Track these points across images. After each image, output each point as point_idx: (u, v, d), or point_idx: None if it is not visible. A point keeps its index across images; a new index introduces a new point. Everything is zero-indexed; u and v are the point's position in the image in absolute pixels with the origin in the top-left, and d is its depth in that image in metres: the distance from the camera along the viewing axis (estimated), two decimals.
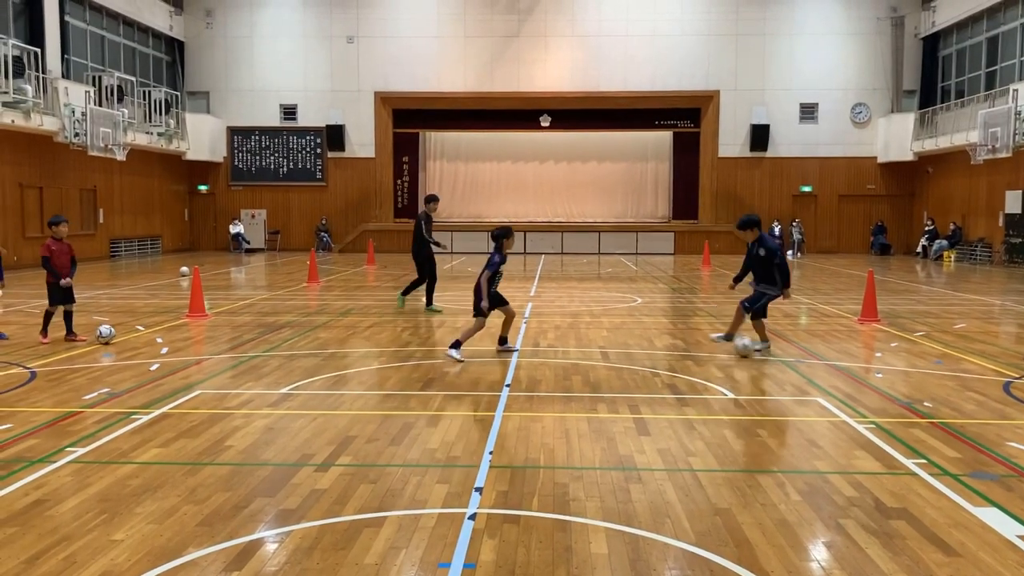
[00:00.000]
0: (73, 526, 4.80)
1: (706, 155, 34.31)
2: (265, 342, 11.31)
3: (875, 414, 7.44)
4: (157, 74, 32.84)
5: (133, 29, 31.06)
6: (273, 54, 34.30)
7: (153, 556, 4.40)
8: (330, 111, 34.19)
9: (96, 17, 28.68)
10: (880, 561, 4.38)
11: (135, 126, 28.35)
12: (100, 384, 8.57)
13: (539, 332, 12.29)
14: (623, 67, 33.51)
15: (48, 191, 25.67)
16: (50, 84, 24.15)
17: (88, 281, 20.35)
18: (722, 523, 4.89)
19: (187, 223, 35.30)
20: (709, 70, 33.70)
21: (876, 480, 5.65)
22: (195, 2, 34.30)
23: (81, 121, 24.44)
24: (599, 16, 33.59)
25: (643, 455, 6.20)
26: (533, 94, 33.80)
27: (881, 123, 33.52)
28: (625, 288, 19.39)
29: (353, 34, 34.06)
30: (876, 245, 33.29)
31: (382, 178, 34.83)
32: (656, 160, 36.20)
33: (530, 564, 4.33)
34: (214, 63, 34.46)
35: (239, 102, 34.58)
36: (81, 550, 4.48)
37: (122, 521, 4.88)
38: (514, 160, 36.69)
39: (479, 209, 36.42)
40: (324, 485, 5.52)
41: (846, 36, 33.49)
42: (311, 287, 19.19)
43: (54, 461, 5.99)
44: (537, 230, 34.42)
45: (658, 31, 33.48)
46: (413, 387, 8.58)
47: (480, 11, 33.77)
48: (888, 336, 11.98)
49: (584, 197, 36.39)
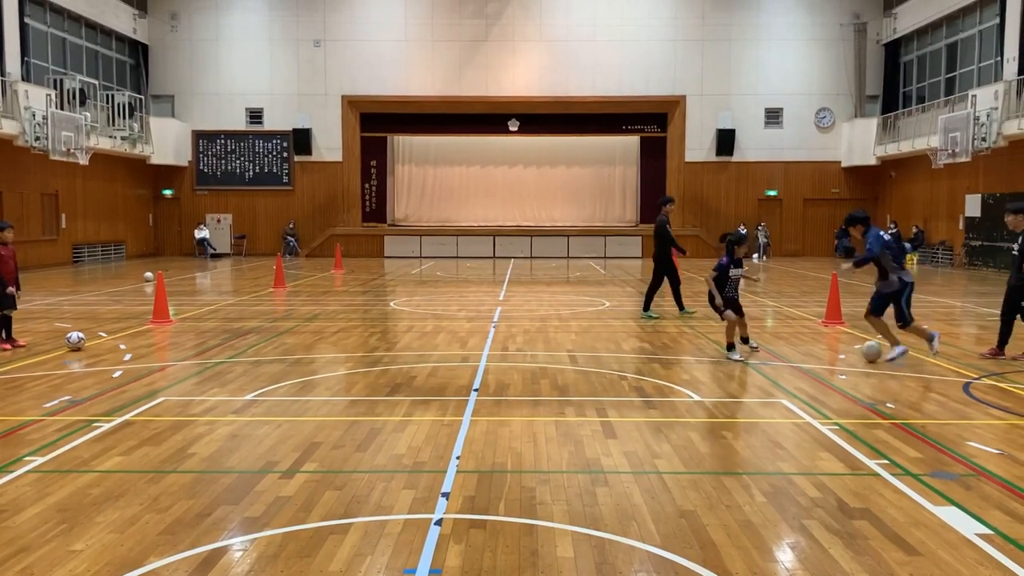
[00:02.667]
0: (31, 536, 4.72)
1: (673, 159, 34.56)
2: (230, 348, 11.19)
3: (839, 415, 7.52)
4: (120, 77, 32.42)
5: (96, 32, 30.65)
6: (239, 57, 34.02)
7: (114, 566, 4.34)
8: (297, 115, 33.98)
9: (57, 19, 28.26)
10: (843, 561, 4.43)
11: (98, 130, 27.95)
12: (61, 392, 8.44)
13: (507, 336, 12.29)
14: (591, 72, 33.66)
15: (8, 195, 25.24)
16: (9, 87, 23.76)
17: (50, 287, 20.03)
18: (687, 525, 4.92)
19: (152, 228, 34.88)
20: (676, 75, 33.96)
21: (839, 481, 5.72)
22: (159, 5, 33.93)
23: (42, 125, 24.06)
24: (567, 21, 33.72)
25: (610, 458, 6.22)
26: (502, 98, 33.84)
27: (845, 128, 33.98)
28: (593, 292, 19.45)
29: (320, 37, 33.89)
30: (840, 248, 33.70)
31: (349, 182, 34.67)
32: (624, 164, 36.41)
33: (496, 569, 4.32)
34: (179, 66, 34.10)
35: (204, 106, 34.25)
36: (39, 561, 4.40)
37: (82, 531, 4.80)
38: (483, 164, 36.71)
39: (448, 213, 36.40)
40: (289, 492, 5.48)
41: (810, 42, 33.92)
42: (277, 292, 19.04)
43: (12, 471, 5.89)
44: (506, 234, 34.45)
45: (626, 36, 33.69)
46: (380, 392, 8.53)
47: (448, 15, 33.75)
48: (852, 338, 12.12)
49: (553, 201, 36.51)
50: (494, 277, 24.05)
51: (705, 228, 34.44)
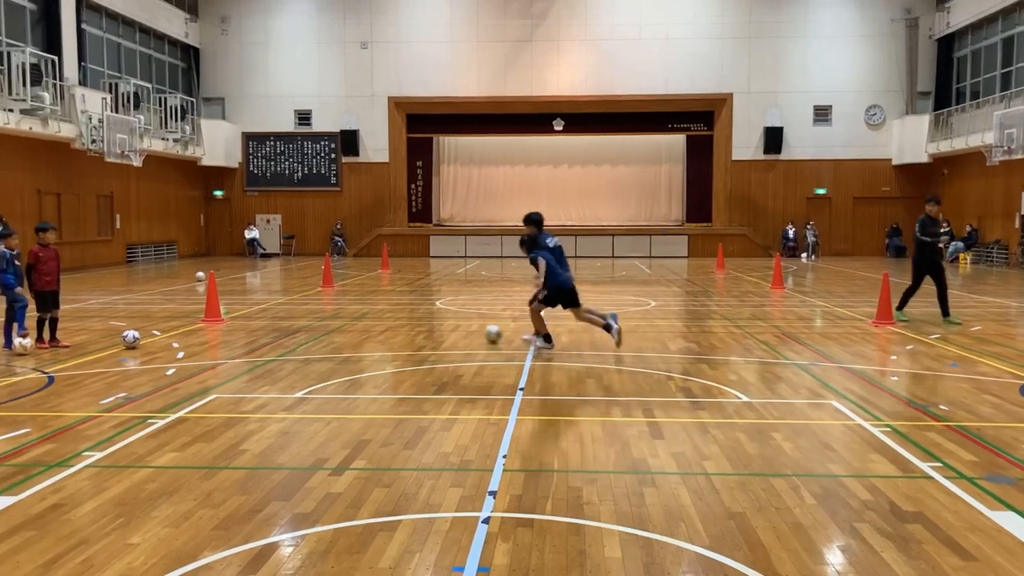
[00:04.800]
0: (90, 530, 4.84)
1: (719, 158, 34.25)
2: (280, 346, 11.36)
3: (890, 417, 7.40)
4: (173, 80, 33.07)
5: (149, 36, 31.29)
6: (288, 60, 34.48)
7: (169, 560, 4.44)
8: (344, 116, 34.33)
9: (112, 25, 28.91)
10: (896, 565, 4.37)
11: (151, 132, 28.56)
12: (117, 389, 8.64)
13: (553, 335, 12.26)
14: (636, 71, 33.49)
15: (66, 197, 25.88)
16: (67, 91, 24.35)
17: (105, 286, 20.51)
18: (736, 527, 4.88)
19: (203, 228, 35.50)
20: (722, 73, 33.64)
21: (891, 483, 5.63)
22: (210, 9, 34.52)
23: (98, 128, 24.63)
24: (612, 20, 33.60)
25: (657, 459, 6.20)
26: (546, 98, 33.83)
27: (895, 125, 33.37)
28: (639, 291, 19.36)
29: (367, 39, 34.20)
30: (891, 247, 33.12)
31: (396, 183, 34.93)
32: (669, 163, 36.16)
33: (544, 568, 4.34)
34: (229, 69, 34.66)
35: (254, 108, 34.77)
36: (98, 554, 4.52)
37: (139, 525, 4.92)
38: (527, 164, 36.73)
39: (492, 213, 36.46)
40: (339, 489, 5.55)
41: (860, 38, 33.37)
42: (326, 291, 19.27)
43: (71, 465, 6.05)
44: (551, 233, 34.33)
45: (671, 34, 33.47)
46: (427, 391, 8.60)
47: (493, 16, 33.84)
48: (903, 339, 11.91)
49: (597, 200, 36.39)
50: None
51: (752, 227, 34.09)
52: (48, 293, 11.17)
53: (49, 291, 11.17)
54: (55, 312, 11.31)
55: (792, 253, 32.90)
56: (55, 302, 11.28)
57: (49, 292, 11.17)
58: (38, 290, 11.10)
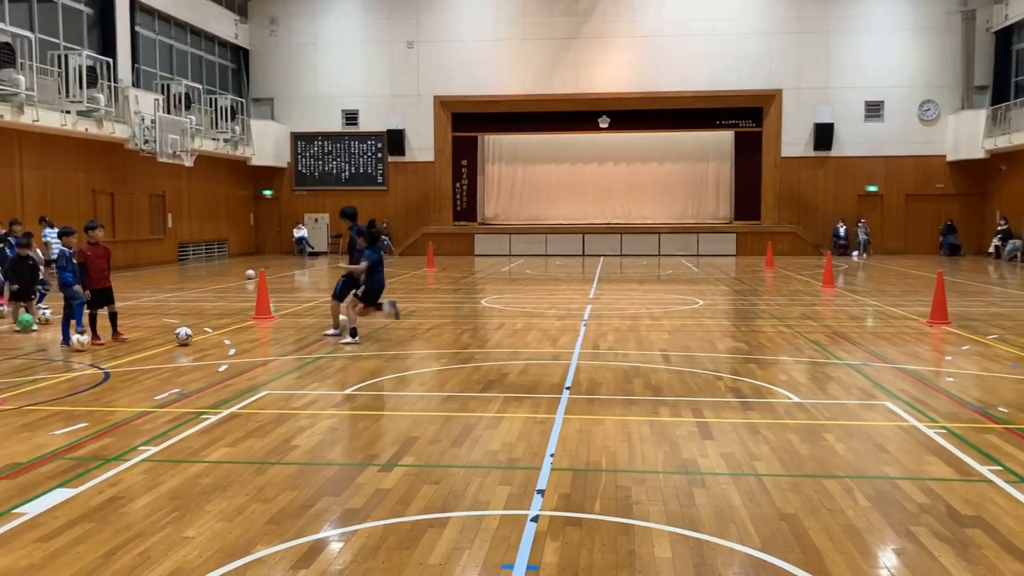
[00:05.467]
0: (146, 523, 4.94)
1: (768, 155, 33.81)
2: (329, 344, 11.47)
3: (946, 419, 7.24)
4: (223, 81, 33.59)
5: (200, 38, 31.82)
6: (335, 60, 34.81)
7: (223, 553, 4.51)
8: (390, 116, 34.56)
9: (165, 27, 29.45)
10: (955, 570, 4.27)
11: (202, 132, 29.03)
12: (171, 385, 8.80)
13: (598, 334, 12.24)
14: (683, 67, 33.20)
15: (119, 197, 26.44)
16: (121, 93, 24.86)
17: (158, 284, 20.91)
18: (788, 528, 4.81)
19: (252, 227, 36.01)
20: (771, 69, 33.21)
21: (948, 487, 5.51)
22: (259, 10, 34.99)
23: (150, 128, 25.11)
24: (659, 16, 33.35)
25: (707, 459, 6.14)
26: (592, 95, 33.70)
27: (951, 120, 32.62)
28: (686, 290, 19.20)
29: (413, 39, 34.39)
30: (945, 246, 32.39)
31: (441, 182, 35.08)
32: (717, 160, 35.79)
33: (593, 567, 4.32)
34: (278, 70, 35.11)
35: (302, 108, 35.17)
36: (155, 546, 4.61)
37: (193, 518, 5.01)
38: (573, 162, 36.63)
39: (537, 211, 36.44)
40: (388, 485, 5.59)
41: (913, 31, 32.68)
42: None
43: (127, 459, 6.17)
44: (596, 232, 34.31)
45: (718, 30, 33.11)
46: (473, 389, 8.62)
47: (538, 14, 33.80)
48: (959, 339, 11.65)
49: (644, 198, 36.15)
50: (583, 275, 23.98)
51: (802, 225, 33.60)
52: (101, 290, 11.42)
53: (101, 288, 11.42)
54: (112, 307, 11.59)
55: (843, 251, 32.37)
56: (109, 298, 11.54)
57: (101, 289, 11.42)
58: (92, 288, 11.36)
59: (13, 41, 19.76)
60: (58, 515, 5.05)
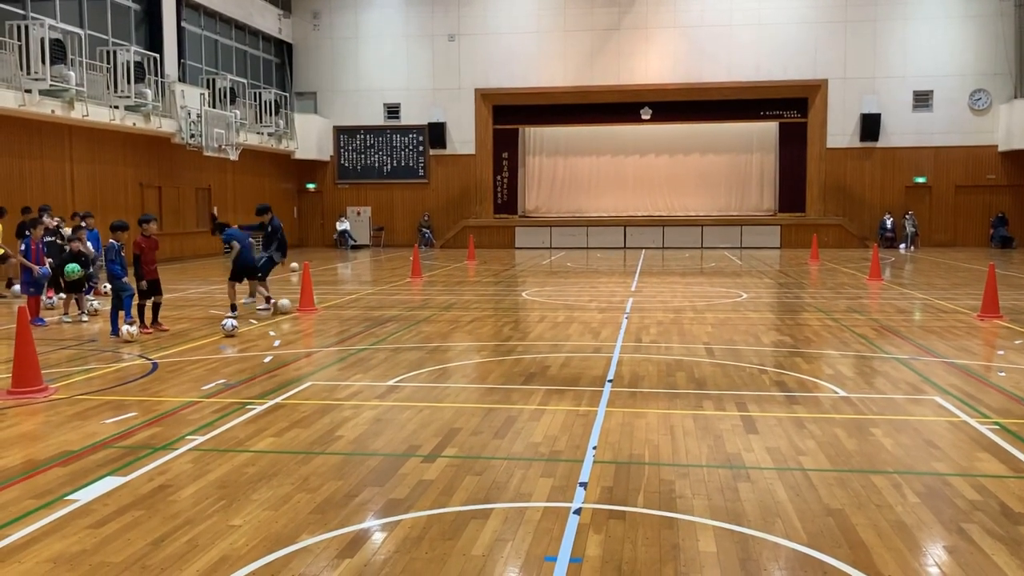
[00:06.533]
0: (194, 511, 5.02)
1: (814, 146, 33.31)
2: (371, 335, 11.56)
3: (998, 414, 7.08)
4: (267, 76, 33.94)
5: (244, 33, 32.18)
6: (377, 54, 34.99)
7: (269, 542, 4.56)
8: (432, 109, 34.67)
9: (210, 22, 29.83)
10: (1008, 569, 4.17)
11: (247, 127, 29.37)
12: (217, 375, 8.93)
13: (640, 327, 12.17)
14: (726, 57, 32.83)
15: (166, 190, 26.87)
16: (168, 88, 25.25)
17: (204, 276, 21.22)
18: (835, 524, 4.75)
19: (296, 220, 36.37)
20: (816, 58, 32.69)
21: (1001, 484, 5.39)
22: (302, 5, 35.28)
23: (196, 123, 25.47)
24: (702, 6, 32.99)
25: (751, 453, 6.07)
26: (634, 87, 33.47)
27: (1003, 109, 31.85)
28: (729, 283, 19.02)
29: (454, 32, 34.43)
30: (996, 238, 31.67)
31: (482, 174, 35.11)
32: (761, 152, 35.34)
33: (637, 560, 4.30)
34: (321, 64, 35.39)
35: (344, 102, 35.42)
36: (202, 534, 4.67)
37: (240, 507, 5.07)
38: (614, 154, 36.42)
39: (578, 204, 36.31)
40: (431, 476, 5.61)
41: (964, 19, 31.93)
42: (414, 282, 19.52)
43: (175, 448, 6.27)
44: (638, 224, 34.12)
45: (763, 19, 32.67)
46: (515, 381, 8.62)
47: (580, 5, 33.63)
48: (1011, 333, 11.38)
49: (686, 190, 35.83)
50: (625, 267, 23.86)
51: (848, 217, 33.08)
52: (153, 281, 11.69)
53: (151, 279, 11.68)
54: (158, 298, 11.85)
55: (890, 244, 31.81)
56: (157, 289, 11.80)
57: (151, 280, 11.68)
58: (146, 279, 11.61)
59: (64, 38, 20.17)
60: (109, 502, 5.15)
